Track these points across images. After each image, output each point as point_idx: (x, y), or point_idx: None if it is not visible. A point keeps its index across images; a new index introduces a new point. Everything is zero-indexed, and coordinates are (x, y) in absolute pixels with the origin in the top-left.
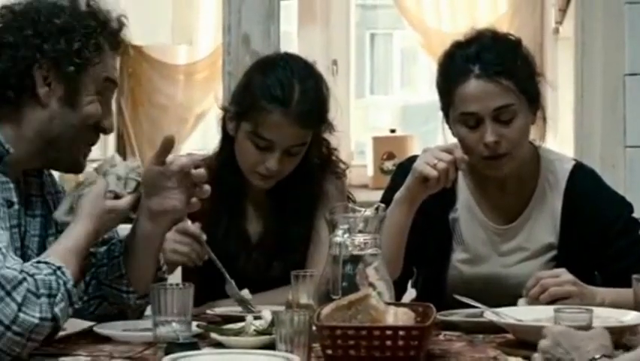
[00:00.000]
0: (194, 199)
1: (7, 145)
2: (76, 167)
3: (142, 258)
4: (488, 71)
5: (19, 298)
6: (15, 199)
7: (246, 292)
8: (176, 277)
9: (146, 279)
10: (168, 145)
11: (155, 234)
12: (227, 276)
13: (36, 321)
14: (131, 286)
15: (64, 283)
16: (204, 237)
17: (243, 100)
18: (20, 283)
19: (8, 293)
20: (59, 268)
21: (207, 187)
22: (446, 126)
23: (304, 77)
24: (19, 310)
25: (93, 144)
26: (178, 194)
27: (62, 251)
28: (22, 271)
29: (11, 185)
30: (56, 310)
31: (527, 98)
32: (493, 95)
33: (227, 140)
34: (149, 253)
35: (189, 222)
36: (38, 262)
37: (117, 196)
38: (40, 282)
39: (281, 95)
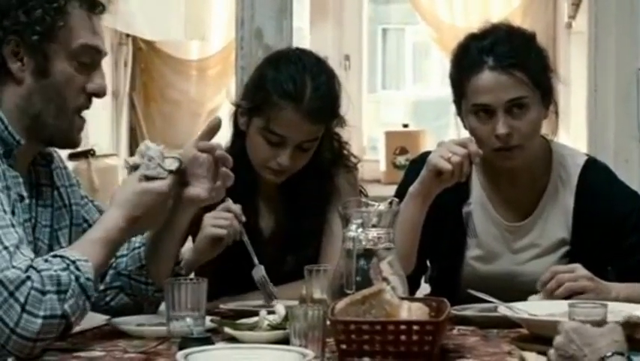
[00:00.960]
0: (218, 183)
1: (19, 137)
2: (69, 140)
3: (163, 249)
4: (502, 63)
5: (22, 299)
6: (25, 193)
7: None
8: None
9: (165, 272)
10: (215, 127)
11: (177, 223)
12: (256, 259)
13: (39, 321)
14: (150, 278)
15: (77, 278)
16: (243, 218)
17: (255, 95)
18: (23, 282)
19: (11, 294)
20: (74, 262)
21: (232, 174)
22: (459, 121)
23: (316, 73)
24: (23, 310)
25: (86, 108)
26: (205, 182)
27: (87, 243)
28: (29, 269)
29: (20, 179)
30: (66, 306)
31: (540, 92)
32: (506, 86)
33: (239, 135)
34: (170, 244)
35: (231, 201)
36: (54, 255)
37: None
38: (47, 278)
39: (293, 91)
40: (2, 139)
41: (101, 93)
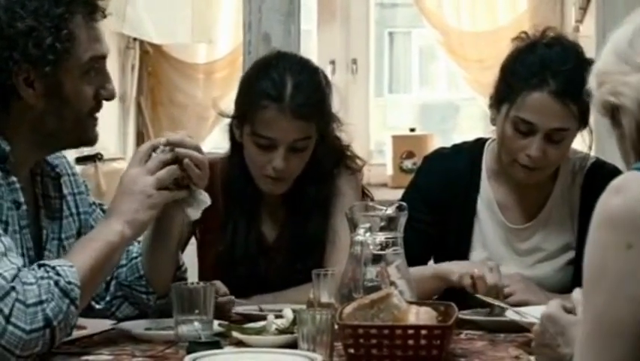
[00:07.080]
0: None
1: (4, 145)
2: (88, 141)
3: (160, 258)
4: (562, 91)
5: (6, 310)
6: (22, 199)
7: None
8: (196, 276)
9: (165, 279)
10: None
11: (168, 230)
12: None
13: (25, 336)
14: (151, 287)
15: (57, 283)
16: None
17: (242, 104)
18: (8, 293)
19: None
20: (54, 267)
21: (198, 171)
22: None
23: (297, 72)
24: (8, 322)
25: (98, 111)
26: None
27: (77, 248)
28: (14, 278)
29: (17, 185)
30: (48, 311)
31: (580, 123)
32: (557, 115)
33: (236, 147)
34: (166, 252)
35: None
36: (39, 265)
37: None
38: (29, 291)
39: (273, 91)
40: None
41: (110, 98)
